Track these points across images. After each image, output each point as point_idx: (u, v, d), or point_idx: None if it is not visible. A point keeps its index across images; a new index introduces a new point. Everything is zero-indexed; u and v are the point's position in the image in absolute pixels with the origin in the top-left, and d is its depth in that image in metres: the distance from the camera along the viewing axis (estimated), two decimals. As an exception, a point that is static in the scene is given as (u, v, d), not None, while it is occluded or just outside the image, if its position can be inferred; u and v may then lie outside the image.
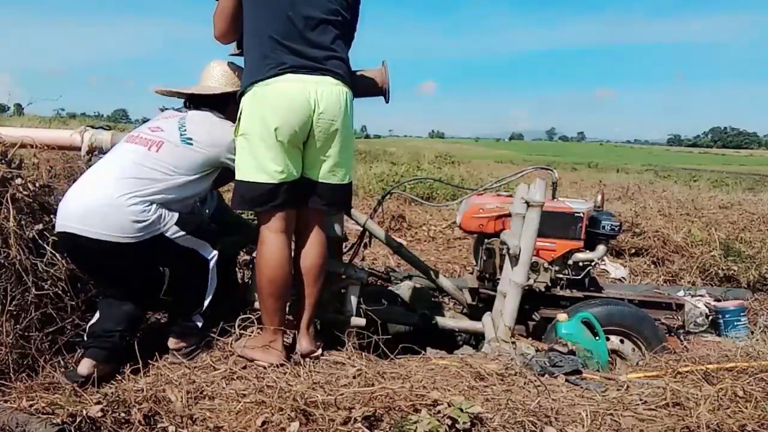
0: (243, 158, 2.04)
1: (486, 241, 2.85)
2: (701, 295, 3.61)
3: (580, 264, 2.79)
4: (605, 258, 4.18)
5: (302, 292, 2.16)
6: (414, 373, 1.95)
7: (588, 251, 2.78)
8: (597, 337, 2.44)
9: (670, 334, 2.90)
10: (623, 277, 4.49)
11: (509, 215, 2.65)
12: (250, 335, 2.13)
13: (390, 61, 2.38)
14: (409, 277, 3.32)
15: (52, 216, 2.24)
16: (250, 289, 2.48)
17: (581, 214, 2.73)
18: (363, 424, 1.54)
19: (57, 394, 1.74)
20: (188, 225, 2.08)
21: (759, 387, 1.81)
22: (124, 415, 1.61)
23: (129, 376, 1.93)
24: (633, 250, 4.97)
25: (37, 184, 2.23)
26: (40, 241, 2.12)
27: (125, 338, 2.04)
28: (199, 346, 2.15)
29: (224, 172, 2.23)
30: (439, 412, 1.56)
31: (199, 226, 2.16)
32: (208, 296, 2.17)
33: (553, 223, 2.68)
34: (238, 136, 2.05)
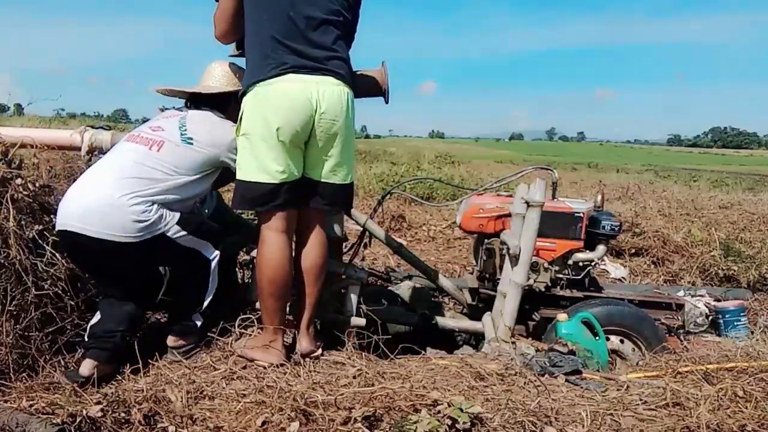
0: (244, 158, 2.04)
1: (486, 241, 2.85)
2: (701, 295, 3.61)
3: (580, 264, 2.79)
4: (605, 258, 4.18)
5: (302, 292, 2.16)
6: (414, 373, 1.95)
7: (588, 251, 2.78)
8: (597, 337, 2.44)
9: (670, 334, 2.90)
10: (623, 277, 4.49)
11: (509, 215, 2.65)
12: (250, 335, 2.14)
13: (390, 61, 2.38)
14: (409, 277, 3.32)
15: (52, 216, 2.24)
16: (251, 289, 2.48)
17: (581, 214, 2.73)
18: (363, 424, 1.54)
19: (57, 394, 1.74)
20: (189, 225, 2.08)
21: (759, 387, 1.81)
22: (124, 415, 1.61)
23: (129, 376, 1.93)
24: (633, 250, 4.97)
25: (37, 184, 2.23)
26: (40, 241, 2.12)
27: (126, 338, 2.04)
28: (199, 345, 2.15)
29: (224, 173, 2.23)
30: (439, 412, 1.56)
31: (201, 226, 2.16)
32: (208, 296, 2.17)
33: (553, 223, 2.68)
34: (240, 136, 2.05)
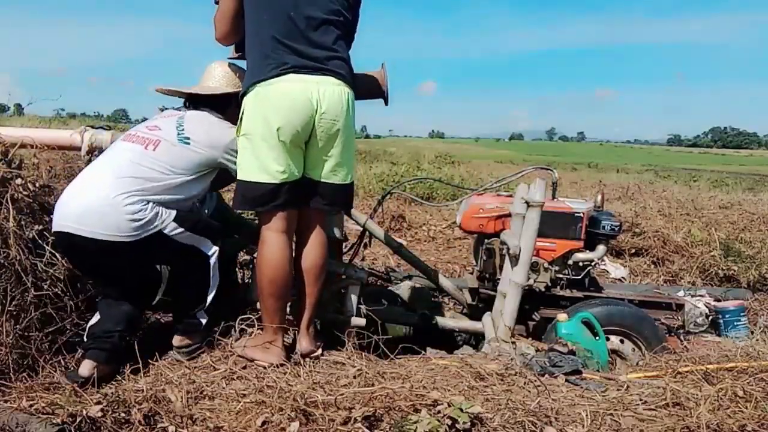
0: (245, 158, 2.04)
1: (486, 241, 2.85)
2: (701, 295, 3.61)
3: (580, 264, 2.79)
4: (605, 258, 4.18)
5: (303, 292, 2.16)
6: (414, 373, 1.95)
7: (588, 251, 2.78)
8: (597, 337, 2.44)
9: (670, 334, 2.90)
10: (623, 277, 4.49)
11: (509, 215, 2.65)
12: (250, 335, 2.14)
13: (390, 62, 2.39)
14: (409, 277, 3.32)
15: (51, 216, 2.24)
16: (251, 289, 2.48)
17: (581, 214, 2.73)
18: (363, 424, 1.54)
19: (57, 394, 1.74)
20: (187, 222, 2.07)
21: (759, 387, 1.81)
22: (124, 415, 1.61)
23: (129, 376, 1.93)
24: (633, 250, 4.97)
25: (37, 184, 2.23)
26: (40, 241, 2.12)
27: (125, 338, 2.04)
28: (202, 345, 2.15)
29: (222, 174, 2.22)
30: (439, 412, 1.56)
31: (198, 222, 2.15)
32: (210, 292, 2.17)
33: (553, 223, 2.68)
34: (240, 136, 2.05)
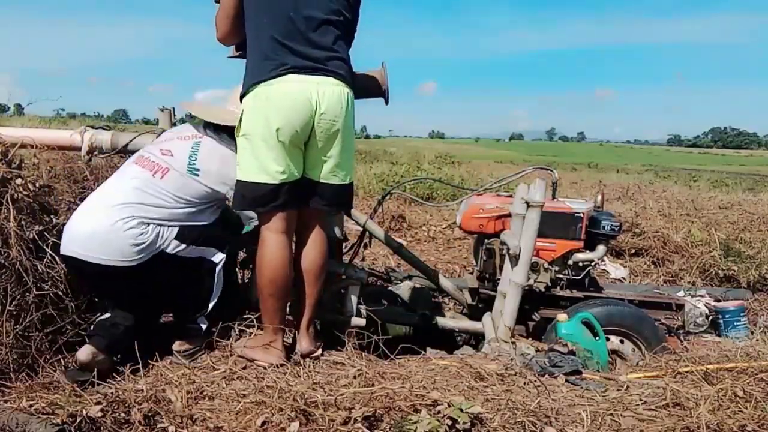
0: (244, 159, 2.04)
1: (486, 241, 2.85)
2: (701, 296, 3.61)
3: (580, 264, 2.79)
4: (605, 258, 4.18)
5: (302, 292, 2.16)
6: (414, 373, 1.95)
7: (588, 251, 2.78)
8: (597, 337, 2.44)
9: (670, 334, 2.91)
10: (623, 278, 4.49)
11: (509, 215, 2.65)
12: (250, 335, 2.14)
13: (390, 62, 2.38)
14: (409, 277, 3.32)
15: (52, 216, 2.25)
16: (250, 289, 2.48)
17: (581, 215, 2.73)
18: (363, 424, 1.54)
19: (57, 394, 1.74)
20: (189, 237, 2.09)
21: (759, 387, 1.81)
22: (124, 415, 1.61)
23: (129, 376, 1.93)
24: (633, 250, 4.97)
25: (37, 184, 2.23)
26: (40, 242, 2.12)
27: (129, 335, 2.04)
28: (203, 348, 2.15)
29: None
30: (439, 412, 1.56)
31: (201, 234, 2.14)
32: (213, 299, 2.19)
33: (553, 224, 2.68)
34: (240, 137, 2.04)
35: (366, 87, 2.32)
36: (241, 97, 2.06)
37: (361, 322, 2.43)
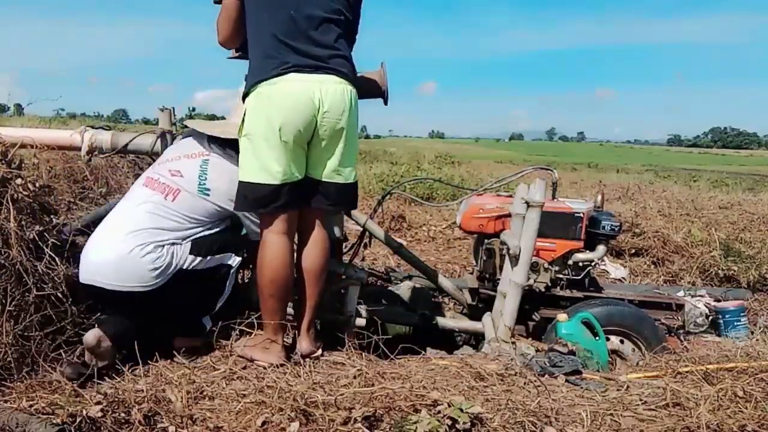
0: (246, 159, 2.03)
1: (486, 241, 2.85)
2: (701, 296, 3.61)
3: (580, 264, 2.79)
4: (605, 258, 4.18)
5: (303, 293, 2.15)
6: (414, 373, 1.95)
7: (588, 251, 2.78)
8: (597, 337, 2.44)
9: (670, 334, 2.91)
10: (623, 278, 4.49)
11: (509, 215, 2.65)
12: (251, 335, 2.14)
13: (390, 61, 2.38)
14: (409, 277, 3.32)
15: (52, 216, 2.24)
16: (251, 289, 2.48)
17: (581, 215, 2.73)
18: (363, 424, 1.54)
19: (57, 394, 1.74)
20: (203, 248, 2.10)
21: (759, 387, 1.81)
22: (124, 415, 1.60)
23: (129, 376, 1.93)
24: (633, 250, 4.97)
25: (37, 184, 2.23)
26: (40, 242, 2.12)
27: (139, 331, 2.04)
28: (204, 347, 2.15)
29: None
30: (439, 412, 1.56)
31: (215, 241, 2.15)
32: (221, 300, 2.20)
33: (553, 224, 2.68)
34: (242, 137, 2.04)
35: (365, 87, 2.32)
36: (243, 97, 2.05)
37: (361, 322, 2.43)
